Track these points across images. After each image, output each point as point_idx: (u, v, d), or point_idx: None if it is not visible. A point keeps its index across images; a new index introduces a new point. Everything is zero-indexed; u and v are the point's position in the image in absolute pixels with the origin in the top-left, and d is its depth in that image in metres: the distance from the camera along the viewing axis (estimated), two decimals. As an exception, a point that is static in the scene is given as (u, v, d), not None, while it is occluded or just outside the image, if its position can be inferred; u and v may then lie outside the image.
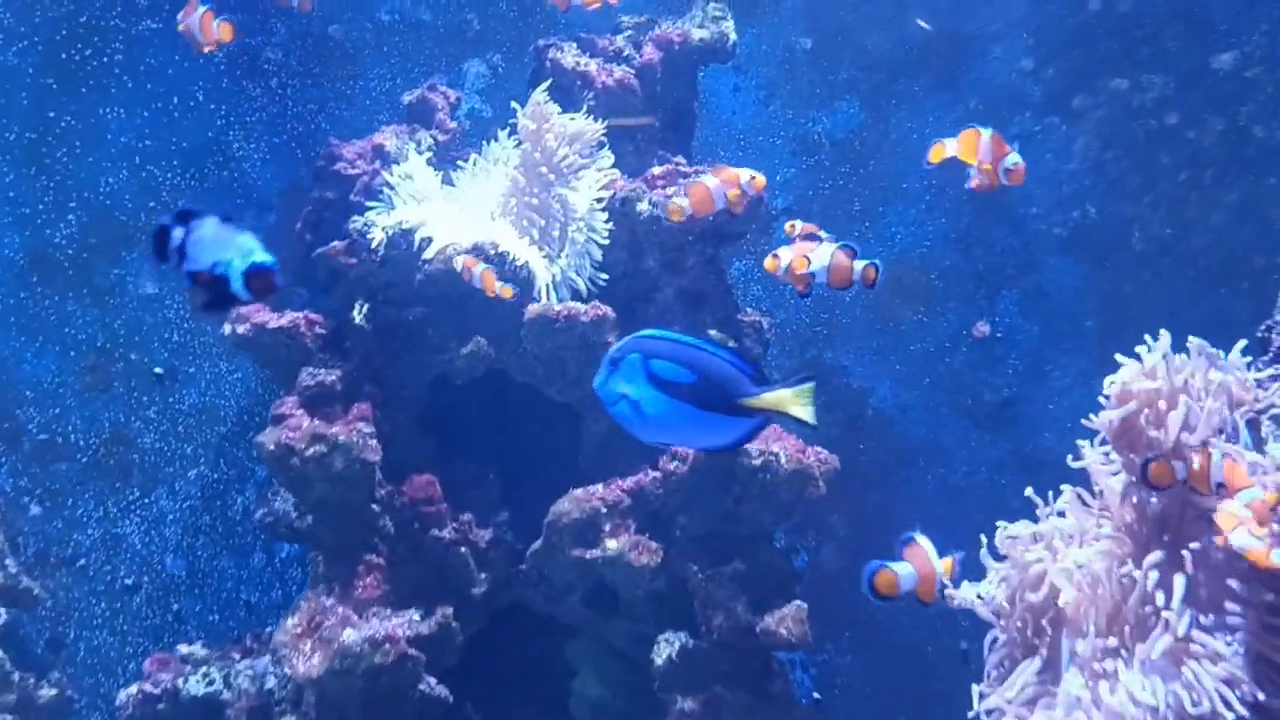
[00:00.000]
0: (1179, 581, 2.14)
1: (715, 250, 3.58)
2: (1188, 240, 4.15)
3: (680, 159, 3.69)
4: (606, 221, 3.40)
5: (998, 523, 2.57)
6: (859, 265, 2.56)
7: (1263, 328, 2.52)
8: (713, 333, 3.47)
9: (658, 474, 3.37)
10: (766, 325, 3.84)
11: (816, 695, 4.33)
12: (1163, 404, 2.27)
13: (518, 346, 3.37)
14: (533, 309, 3.28)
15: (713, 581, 3.32)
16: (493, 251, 3.31)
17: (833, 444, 4.40)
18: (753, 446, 3.30)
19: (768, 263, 2.67)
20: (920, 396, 4.38)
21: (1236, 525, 1.97)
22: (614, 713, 3.58)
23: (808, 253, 2.59)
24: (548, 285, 3.36)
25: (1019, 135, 4.21)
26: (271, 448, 3.24)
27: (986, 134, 2.75)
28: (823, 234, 2.96)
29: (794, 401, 1.91)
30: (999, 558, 2.54)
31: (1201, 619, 2.10)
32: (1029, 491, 2.57)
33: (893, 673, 4.33)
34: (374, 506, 3.33)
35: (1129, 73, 4.17)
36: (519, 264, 3.32)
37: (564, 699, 3.60)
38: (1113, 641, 2.23)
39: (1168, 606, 2.12)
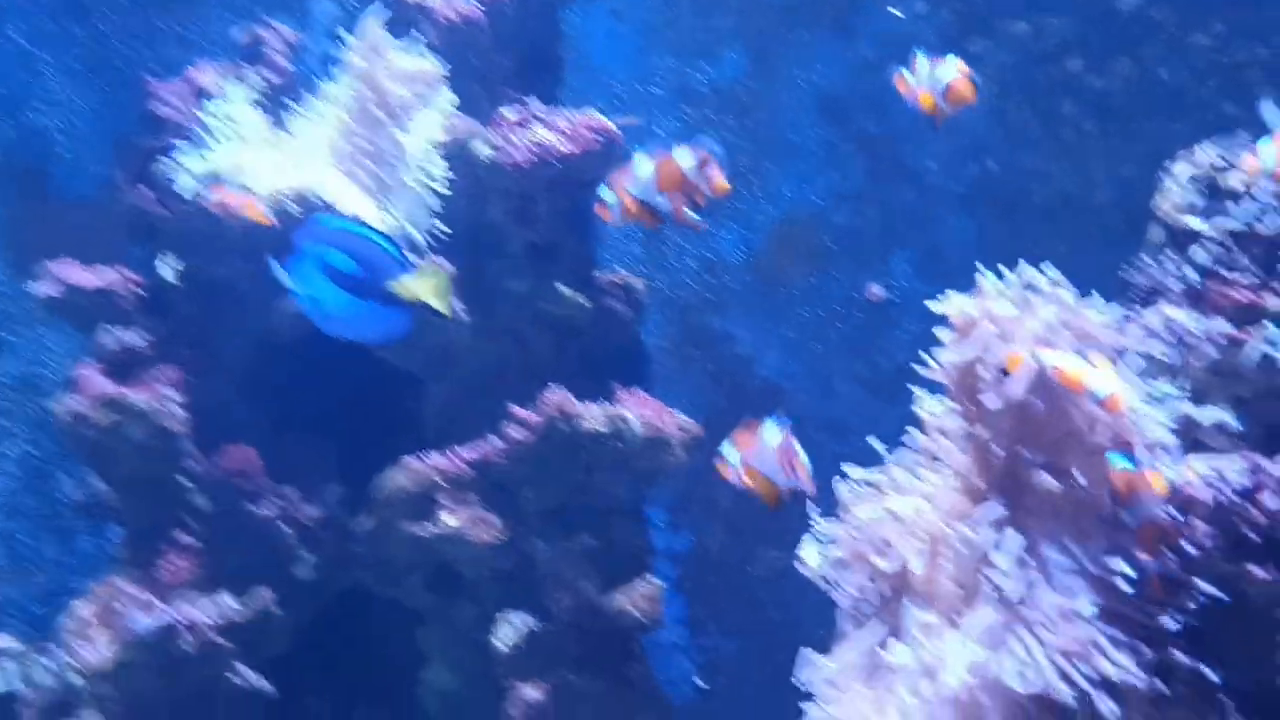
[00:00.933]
0: (1012, 539, 1.87)
1: (571, 201, 3.28)
2: (1091, 193, 3.90)
3: (536, 102, 3.39)
4: (445, 167, 3.10)
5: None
6: (685, 159, 2.18)
7: (1125, 268, 2.27)
8: None
9: (502, 443, 3.08)
10: (640, 287, 3.55)
11: (699, 682, 4.06)
12: (1002, 341, 2.00)
13: (348, 304, 3.06)
14: (359, 262, 2.98)
15: (560, 558, 3.03)
16: (318, 201, 3.01)
17: (717, 415, 4.13)
18: (600, 411, 3.01)
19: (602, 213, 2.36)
20: (811, 364, 4.11)
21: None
22: (467, 704, 3.28)
23: (626, 184, 2.29)
24: (380, 237, 3.05)
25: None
26: (64, 417, 2.92)
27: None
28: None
29: (429, 289, 1.97)
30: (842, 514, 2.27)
31: (1040, 581, 1.83)
32: (871, 439, 2.30)
33: (781, 657, 4.05)
34: (184, 480, 3.02)
35: (1028, 15, 3.90)
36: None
37: (415, 690, 3.30)
38: (946, 609, 1.95)
39: (1000, 569, 1.85)
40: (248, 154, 3.09)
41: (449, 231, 3.08)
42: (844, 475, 2.27)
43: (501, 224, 3.19)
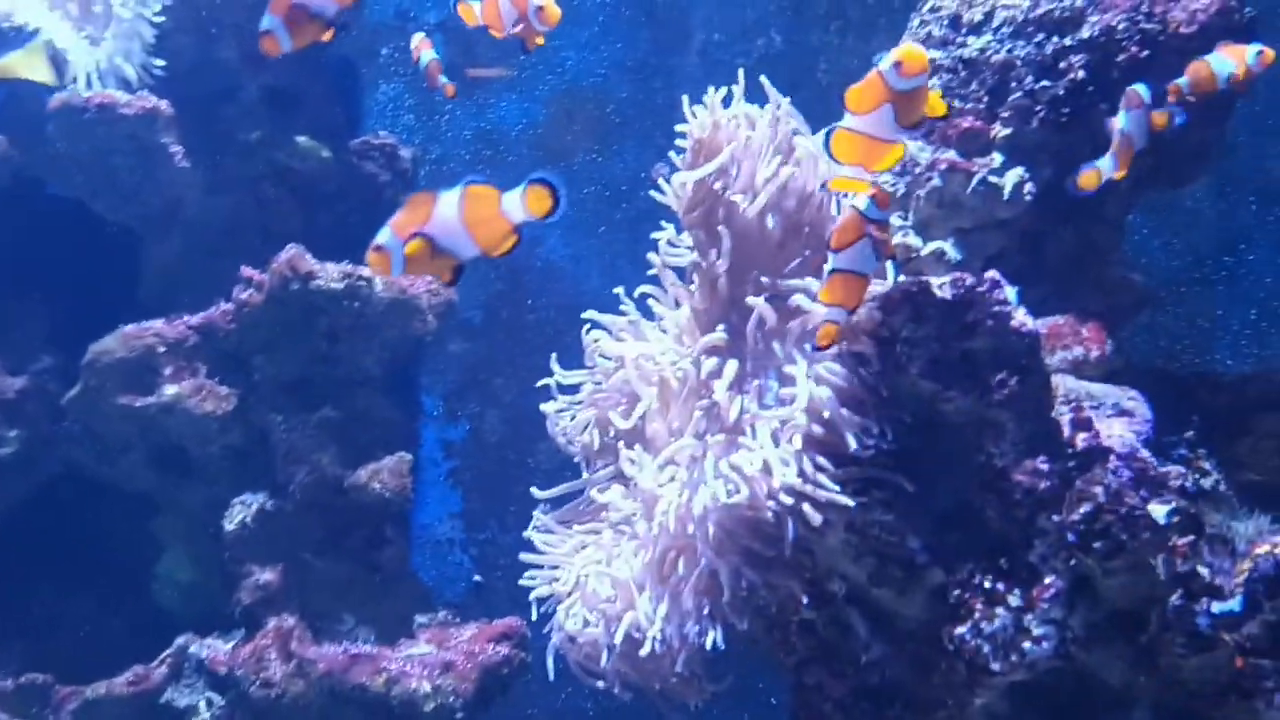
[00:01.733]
0: (729, 366, 1.74)
1: (319, 48, 2.99)
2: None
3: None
4: (163, -4, 2.77)
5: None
6: None
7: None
8: None
9: (230, 306, 2.80)
10: (406, 154, 3.31)
11: (478, 578, 3.90)
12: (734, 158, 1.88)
13: (52, 148, 2.73)
14: (57, 98, 2.65)
15: (296, 432, 2.79)
16: (6, 25, 2.65)
17: (496, 300, 3.94)
18: (337, 269, 2.77)
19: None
20: (595, 246, 3.94)
21: None
22: (207, 596, 3.02)
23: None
24: (89, 73, 2.72)
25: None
26: None
27: None
28: None
29: (22, 63, 1.87)
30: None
31: (752, 403, 1.71)
32: (618, 290, 2.13)
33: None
34: None
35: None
36: (47, 43, 2.66)
37: (145, 579, 3.02)
38: (665, 444, 1.82)
39: (715, 396, 1.72)
40: (-72, -27, 2.69)
41: (163, 64, 2.77)
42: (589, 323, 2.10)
43: (235, 65, 2.89)
